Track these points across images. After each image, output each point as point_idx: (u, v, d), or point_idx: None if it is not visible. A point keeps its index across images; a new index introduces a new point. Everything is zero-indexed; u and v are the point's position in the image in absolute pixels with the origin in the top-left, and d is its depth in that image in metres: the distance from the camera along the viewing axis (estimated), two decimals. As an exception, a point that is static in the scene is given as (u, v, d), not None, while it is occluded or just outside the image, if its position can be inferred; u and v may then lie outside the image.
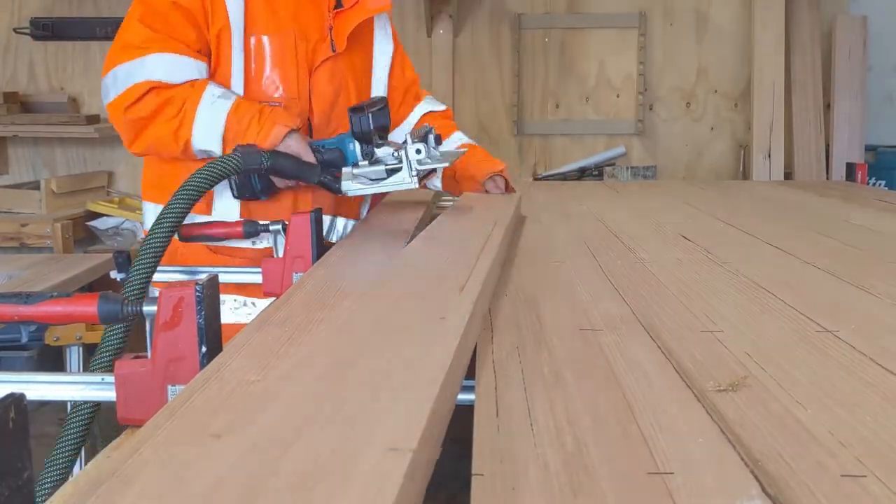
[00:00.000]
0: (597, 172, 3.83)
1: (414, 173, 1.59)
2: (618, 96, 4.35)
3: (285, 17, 1.72)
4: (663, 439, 0.58)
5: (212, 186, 1.45)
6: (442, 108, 2.13)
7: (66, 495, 0.61)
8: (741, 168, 4.29)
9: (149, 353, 0.83)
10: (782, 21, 4.06)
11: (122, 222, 3.56)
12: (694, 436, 0.58)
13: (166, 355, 0.80)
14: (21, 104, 4.05)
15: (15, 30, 4.08)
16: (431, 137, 1.60)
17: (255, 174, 1.63)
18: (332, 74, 1.78)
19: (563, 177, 3.81)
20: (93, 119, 3.91)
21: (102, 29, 4.02)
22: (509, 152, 4.42)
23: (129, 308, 0.88)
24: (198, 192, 1.40)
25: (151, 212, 1.79)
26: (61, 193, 3.61)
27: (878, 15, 4.10)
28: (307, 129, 1.75)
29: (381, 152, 1.60)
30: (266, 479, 0.44)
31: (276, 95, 1.71)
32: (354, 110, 1.59)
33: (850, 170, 2.67)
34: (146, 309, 0.86)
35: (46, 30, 4.04)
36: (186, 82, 1.61)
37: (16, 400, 0.53)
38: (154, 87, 1.59)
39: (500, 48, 4.34)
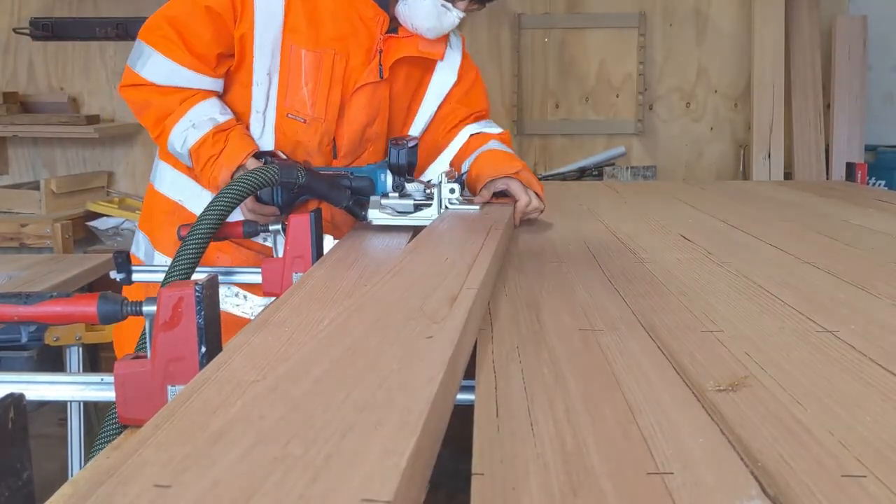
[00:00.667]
0: (597, 172, 3.83)
1: (443, 211, 1.63)
2: (617, 96, 4.36)
3: (327, 34, 1.66)
4: (663, 439, 0.58)
5: (251, 194, 1.48)
6: (497, 130, 1.96)
7: (66, 496, 0.61)
8: (741, 168, 4.29)
9: (148, 353, 0.83)
10: (782, 21, 4.07)
11: (122, 222, 3.57)
12: (694, 436, 0.58)
13: (166, 355, 0.80)
14: (21, 104, 4.06)
15: (15, 30, 4.08)
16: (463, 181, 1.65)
17: (281, 188, 1.63)
18: (371, 100, 1.72)
19: (563, 177, 3.82)
20: (93, 119, 3.91)
21: (102, 29, 4.02)
22: (509, 152, 4.42)
23: (129, 308, 0.88)
24: (237, 199, 1.42)
25: (142, 240, 1.81)
26: (61, 194, 3.61)
27: (877, 15, 4.11)
28: (331, 149, 1.74)
29: (411, 187, 1.64)
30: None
31: (301, 112, 1.68)
32: (395, 143, 1.61)
33: (850, 170, 2.66)
34: (146, 309, 0.86)
35: (46, 30, 4.04)
36: (179, 93, 1.61)
37: (15, 400, 0.53)
38: (143, 84, 1.61)
39: (499, 48, 4.34)
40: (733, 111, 4.34)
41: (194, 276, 0.85)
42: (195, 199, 1.70)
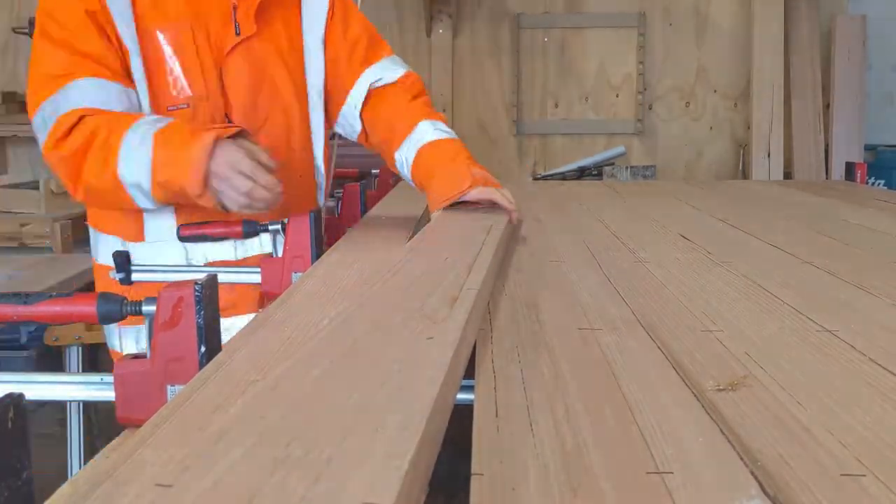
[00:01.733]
0: (596, 172, 3.84)
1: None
2: (617, 96, 4.36)
3: (175, 8, 1.48)
4: (663, 439, 0.58)
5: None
6: (396, 75, 1.72)
7: (66, 495, 0.61)
8: (740, 167, 4.29)
9: (148, 353, 0.83)
10: (781, 21, 4.07)
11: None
12: (693, 435, 0.58)
13: (165, 355, 0.80)
14: (20, 104, 4.05)
15: (14, 29, 4.08)
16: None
17: None
18: (248, 62, 1.53)
19: (563, 176, 3.82)
20: (92, 119, 3.91)
21: (102, 29, 4.02)
22: (509, 152, 4.43)
23: (129, 308, 0.88)
24: None
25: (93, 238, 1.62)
26: (60, 193, 3.61)
27: (877, 15, 4.11)
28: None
29: None
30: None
31: (181, 97, 1.48)
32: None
33: (850, 169, 2.67)
34: (145, 309, 0.86)
35: (46, 30, 4.03)
36: (115, 111, 1.39)
37: (15, 400, 0.53)
38: (84, 115, 1.36)
39: (499, 48, 4.34)
40: (733, 111, 4.34)
41: (193, 277, 0.85)
42: (95, 251, 1.55)
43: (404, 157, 1.61)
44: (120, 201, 1.40)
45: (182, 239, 1.63)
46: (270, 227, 1.56)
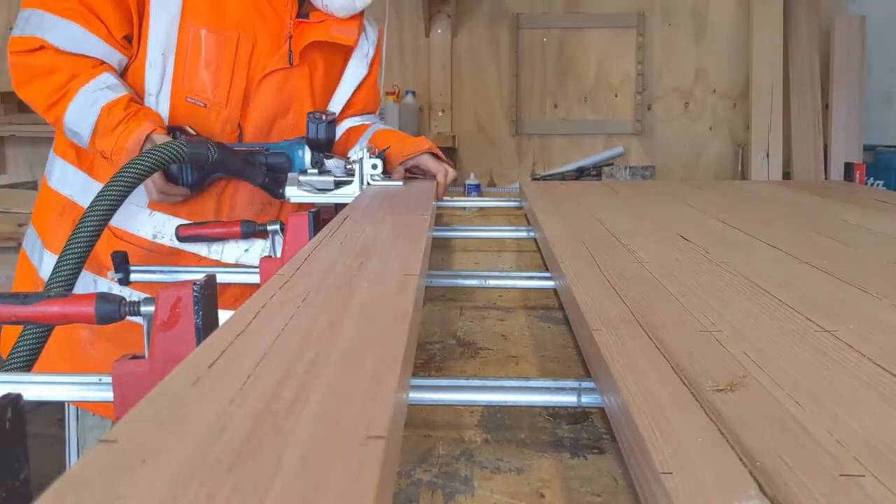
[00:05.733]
0: (595, 172, 3.84)
1: (365, 188, 1.62)
2: (616, 96, 4.36)
3: (232, 16, 1.60)
4: (661, 439, 0.58)
5: (156, 171, 1.43)
6: (366, 123, 1.92)
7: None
8: (739, 168, 4.30)
9: (146, 354, 0.83)
10: (780, 21, 4.07)
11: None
12: (692, 436, 0.58)
13: (164, 356, 0.80)
14: (18, 104, 4.05)
15: (12, 29, 4.08)
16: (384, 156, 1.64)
17: (189, 166, 1.58)
18: (281, 88, 1.67)
19: (562, 177, 3.82)
20: (91, 119, 3.90)
21: (100, 29, 4.02)
22: (508, 152, 4.43)
23: (127, 308, 0.88)
24: (143, 175, 1.38)
25: (33, 238, 1.74)
26: (59, 193, 3.61)
27: (876, 15, 4.11)
28: (236, 136, 1.67)
29: (330, 164, 1.62)
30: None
31: (202, 96, 1.61)
32: (313, 117, 1.58)
33: (849, 170, 2.67)
34: (144, 309, 0.86)
35: (44, 30, 4.03)
36: (86, 58, 1.53)
37: (13, 400, 0.53)
38: (46, 47, 1.50)
39: (498, 48, 4.34)
40: (732, 111, 4.34)
41: (192, 277, 0.85)
42: (87, 193, 1.60)
43: (360, 145, 1.76)
44: (52, 119, 1.55)
45: (181, 239, 1.64)
46: (269, 227, 1.56)
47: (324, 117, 1.59)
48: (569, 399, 0.78)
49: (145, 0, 1.55)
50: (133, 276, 1.45)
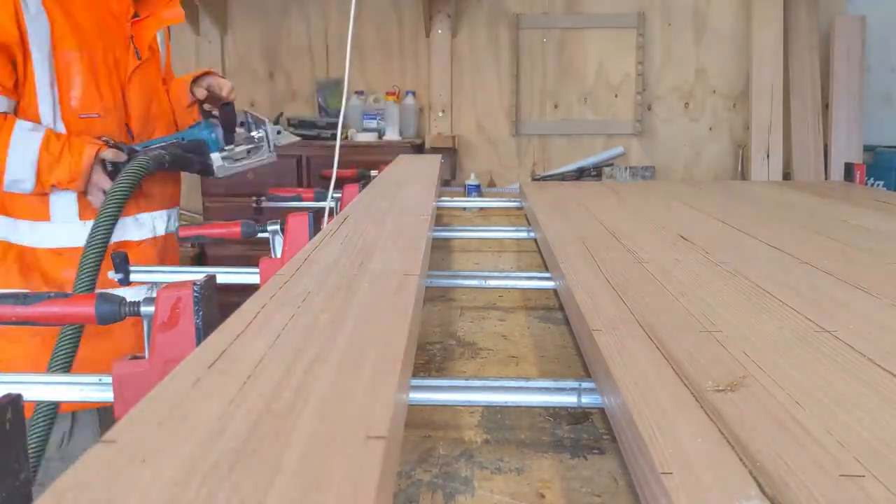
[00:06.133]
0: (595, 173, 3.84)
1: (272, 149, 1.95)
2: (616, 96, 4.36)
3: (91, 32, 1.80)
4: (661, 439, 0.58)
5: (136, 187, 1.72)
6: None
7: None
8: (739, 168, 4.30)
9: (146, 354, 0.83)
10: (780, 21, 4.07)
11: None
12: (692, 436, 0.58)
13: (164, 356, 0.80)
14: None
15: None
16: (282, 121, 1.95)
17: (157, 171, 1.82)
18: (143, 81, 1.92)
19: (562, 177, 3.82)
20: (91, 119, 3.90)
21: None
22: (508, 152, 4.43)
23: (127, 308, 0.88)
24: (127, 194, 1.67)
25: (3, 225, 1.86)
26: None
27: (876, 15, 4.11)
28: (126, 135, 1.89)
29: (238, 137, 1.95)
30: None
31: (93, 108, 1.81)
32: (224, 105, 1.91)
33: (849, 170, 2.67)
34: (144, 309, 0.86)
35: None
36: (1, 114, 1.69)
37: (13, 401, 0.53)
38: None
39: (498, 48, 4.34)
40: (732, 111, 4.34)
41: (192, 277, 0.85)
42: (16, 230, 1.82)
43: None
44: None
45: (181, 239, 1.64)
46: (269, 228, 1.56)
47: (228, 103, 1.91)
48: (569, 399, 0.78)
49: (25, 43, 1.70)
50: (133, 276, 1.45)
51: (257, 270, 1.38)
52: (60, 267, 1.80)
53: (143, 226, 1.92)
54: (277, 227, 1.55)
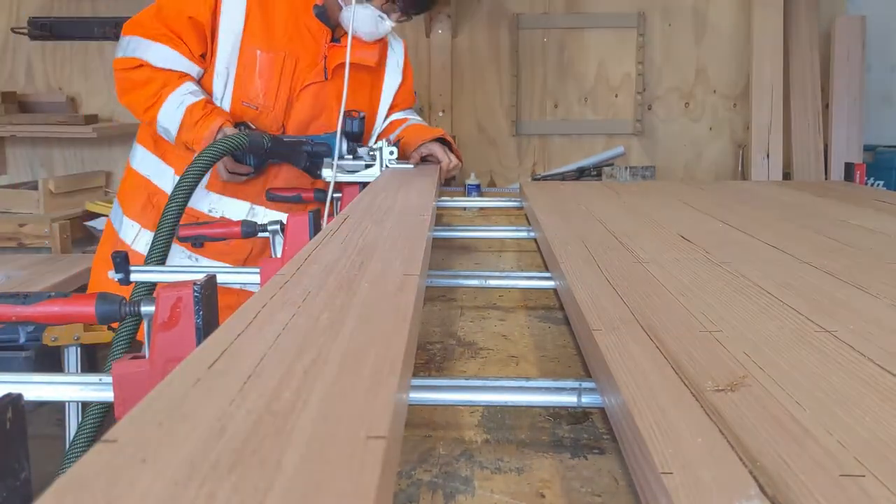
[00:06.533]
0: (595, 173, 3.84)
1: (384, 168, 2.06)
2: (616, 96, 4.36)
3: (281, 39, 2.05)
4: (661, 439, 0.58)
5: (226, 154, 1.88)
6: (417, 118, 2.43)
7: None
8: (740, 168, 4.29)
9: (147, 354, 0.83)
10: (781, 21, 4.07)
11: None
12: (692, 436, 0.58)
13: (164, 355, 0.80)
14: (19, 104, 4.05)
15: (13, 29, 4.08)
16: (393, 146, 2.07)
17: (256, 154, 2.00)
18: (316, 97, 2.12)
19: (562, 177, 3.82)
20: (91, 119, 3.91)
21: (100, 29, 4.02)
22: (508, 152, 4.43)
23: (127, 308, 0.88)
24: (216, 157, 1.83)
25: (116, 208, 2.20)
26: (59, 193, 3.61)
27: (876, 15, 4.11)
28: (280, 134, 2.10)
29: (361, 151, 2.07)
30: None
31: (255, 101, 2.06)
32: (349, 114, 2.04)
33: (849, 170, 2.67)
34: (144, 309, 0.86)
35: (44, 29, 4.04)
36: (175, 72, 1.99)
37: (13, 400, 0.53)
38: (144, 65, 1.98)
39: (498, 48, 4.34)
40: (732, 111, 4.34)
41: (193, 277, 0.85)
42: (160, 175, 2.12)
43: (394, 135, 2.28)
44: (149, 125, 2.06)
45: (181, 239, 1.64)
46: (269, 228, 1.56)
47: (357, 115, 2.03)
48: (569, 399, 0.78)
49: (217, 25, 2.00)
50: (133, 276, 1.45)
51: (257, 270, 1.38)
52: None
53: (255, 216, 2.11)
54: (278, 226, 1.55)
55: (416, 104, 2.52)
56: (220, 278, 0.95)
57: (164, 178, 2.10)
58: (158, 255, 1.61)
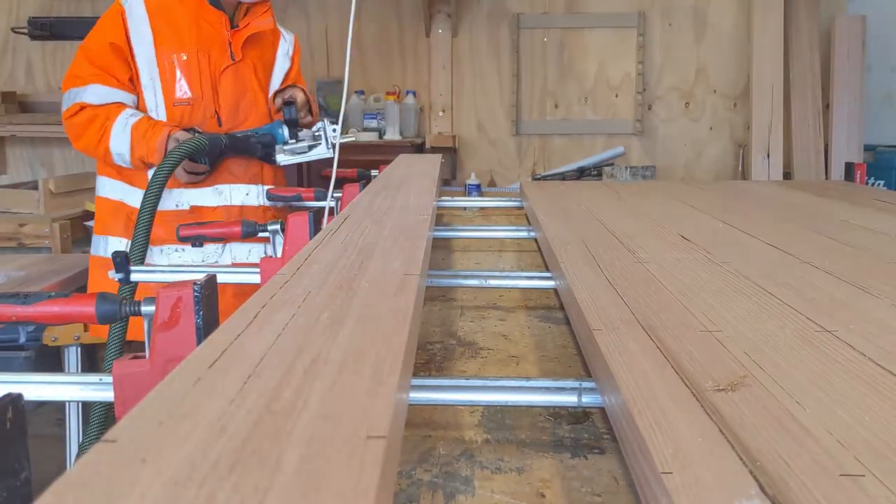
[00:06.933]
0: (596, 172, 3.83)
1: (330, 146, 2.23)
2: (616, 96, 4.36)
3: (188, 38, 2.25)
4: (662, 439, 0.58)
5: (188, 157, 2.07)
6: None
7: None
8: (740, 168, 4.29)
9: (147, 354, 0.83)
10: (781, 21, 4.07)
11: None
12: (692, 435, 0.58)
13: (165, 355, 0.80)
14: (19, 104, 4.05)
15: (13, 29, 4.08)
16: (340, 123, 2.12)
17: (215, 152, 2.19)
18: (235, 78, 2.32)
19: (562, 177, 3.82)
20: (91, 119, 3.90)
21: (101, 29, 4.02)
22: (508, 152, 4.43)
23: (127, 308, 0.88)
24: (175, 165, 2.02)
25: (99, 241, 2.34)
26: (59, 193, 3.61)
27: (876, 15, 4.11)
28: (216, 123, 2.29)
29: (302, 134, 2.30)
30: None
31: (185, 97, 2.25)
32: (286, 104, 2.28)
33: (849, 169, 2.67)
34: (144, 309, 0.86)
35: (44, 29, 4.04)
36: (112, 104, 2.19)
37: (13, 400, 0.53)
38: (85, 107, 2.18)
39: (498, 48, 4.34)
40: (732, 111, 4.34)
41: (193, 277, 0.85)
42: (131, 195, 2.27)
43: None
44: (105, 159, 2.24)
45: (181, 239, 1.64)
46: (269, 228, 1.56)
47: (293, 104, 2.26)
48: (569, 399, 0.78)
49: (131, 45, 2.19)
50: (133, 276, 1.45)
51: (258, 270, 1.38)
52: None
53: (221, 194, 2.31)
54: (278, 226, 1.55)
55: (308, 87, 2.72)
56: (221, 278, 0.95)
57: (135, 196, 2.24)
58: (139, 256, 1.80)
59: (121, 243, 2.25)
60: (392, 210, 1.48)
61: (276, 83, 2.47)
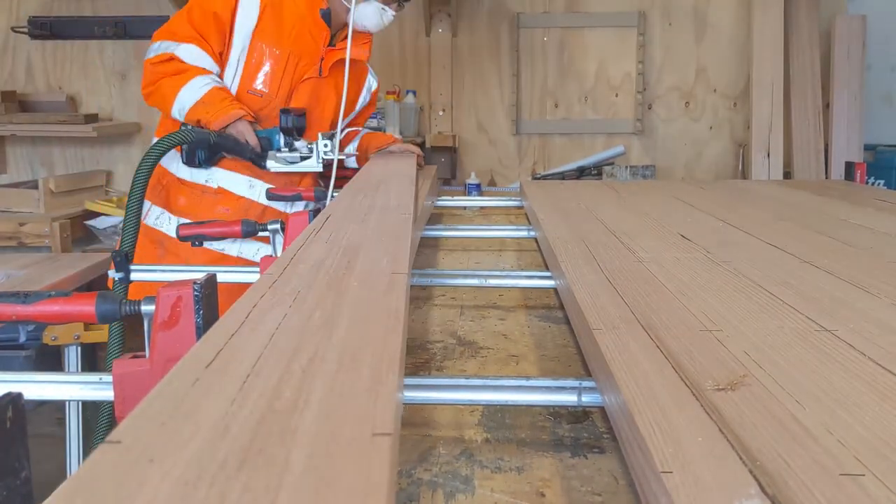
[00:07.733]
0: (596, 172, 3.83)
1: (320, 161, 2.32)
2: (617, 96, 4.36)
3: (287, 38, 2.33)
4: (662, 438, 0.58)
5: (170, 150, 2.13)
6: (360, 129, 2.75)
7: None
8: (740, 167, 4.29)
9: (147, 353, 0.83)
10: (781, 20, 4.07)
11: (121, 221, 3.56)
12: (693, 435, 0.58)
13: (165, 354, 0.80)
14: (19, 103, 4.05)
15: (13, 28, 4.08)
16: (337, 139, 2.30)
17: (202, 148, 2.26)
18: (312, 91, 2.40)
19: (562, 176, 3.82)
20: (91, 118, 3.90)
21: (100, 28, 4.02)
22: (508, 152, 4.42)
23: (127, 307, 0.88)
24: (160, 154, 2.09)
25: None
26: (59, 193, 3.61)
27: (876, 14, 4.10)
28: (278, 122, 2.33)
29: (298, 144, 2.33)
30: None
31: (260, 90, 2.33)
32: (284, 111, 2.29)
33: (849, 169, 2.67)
34: (144, 308, 0.86)
35: (45, 29, 4.03)
36: (201, 67, 2.24)
37: (13, 399, 0.53)
38: (175, 58, 2.23)
39: (498, 47, 4.34)
40: (732, 110, 4.34)
41: (193, 276, 0.85)
42: (168, 162, 2.36)
43: (352, 146, 2.66)
44: (165, 106, 2.29)
45: (181, 239, 1.64)
46: (270, 227, 1.56)
47: (292, 112, 2.28)
48: (569, 398, 0.78)
49: (233, 23, 2.27)
50: (133, 276, 1.45)
51: (258, 270, 1.38)
52: (177, 192, 2.37)
53: (253, 188, 2.38)
54: (278, 226, 1.55)
55: (379, 108, 2.88)
56: (222, 277, 0.95)
57: (172, 164, 2.35)
58: (129, 243, 1.89)
59: (144, 205, 2.30)
60: (373, 209, 1.47)
61: (350, 112, 2.54)
